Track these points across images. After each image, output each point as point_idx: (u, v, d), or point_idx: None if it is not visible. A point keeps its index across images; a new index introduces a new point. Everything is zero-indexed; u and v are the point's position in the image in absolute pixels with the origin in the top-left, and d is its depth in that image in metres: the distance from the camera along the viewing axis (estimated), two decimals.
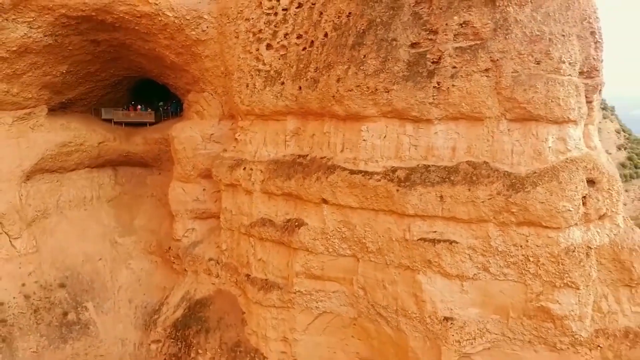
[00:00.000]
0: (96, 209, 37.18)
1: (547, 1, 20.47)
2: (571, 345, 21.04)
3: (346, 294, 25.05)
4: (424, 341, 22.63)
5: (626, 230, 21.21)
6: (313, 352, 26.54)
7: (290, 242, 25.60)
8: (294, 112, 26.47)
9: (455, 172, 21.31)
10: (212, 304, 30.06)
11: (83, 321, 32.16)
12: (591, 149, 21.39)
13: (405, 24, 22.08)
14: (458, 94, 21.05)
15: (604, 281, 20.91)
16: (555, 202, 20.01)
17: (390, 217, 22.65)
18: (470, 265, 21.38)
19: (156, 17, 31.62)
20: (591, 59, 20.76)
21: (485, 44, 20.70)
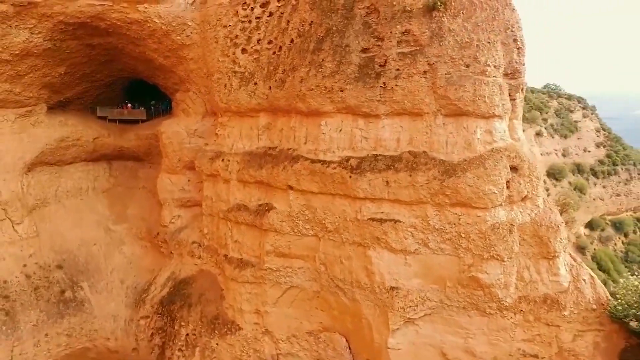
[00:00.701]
0: (92, 199, 40.44)
1: (476, 13, 23.75)
2: (498, 310, 24.29)
3: (310, 270, 28.28)
4: (374, 308, 25.87)
5: (545, 210, 24.43)
6: (282, 322, 29.77)
7: (262, 225, 28.87)
8: (265, 109, 29.75)
9: (398, 161, 24.58)
10: (195, 282, 33.34)
11: (79, 299, 35.46)
12: (515, 140, 24.65)
13: (357, 32, 25.38)
14: (401, 92, 24.32)
15: (526, 254, 24.10)
16: (482, 186, 23.29)
17: (345, 201, 25.91)
18: (412, 242, 24.63)
19: (145, 24, 34.96)
20: (514, 62, 24.03)
21: (423, 49, 23.98)
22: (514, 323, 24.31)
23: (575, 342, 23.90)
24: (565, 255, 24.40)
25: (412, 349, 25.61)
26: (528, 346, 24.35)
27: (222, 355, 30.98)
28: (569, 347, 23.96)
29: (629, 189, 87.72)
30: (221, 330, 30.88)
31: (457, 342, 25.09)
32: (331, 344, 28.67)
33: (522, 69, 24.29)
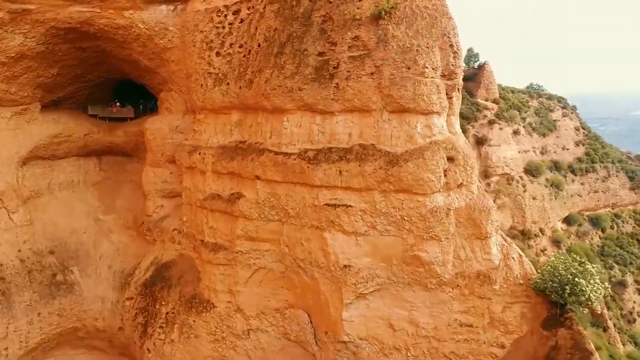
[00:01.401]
0: (82, 191, 43.49)
1: (417, 21, 26.81)
2: (438, 285, 27.35)
3: (276, 252, 31.30)
4: (330, 285, 28.89)
5: (478, 196, 27.46)
6: (252, 301, 32.79)
7: (233, 211, 31.92)
8: (236, 107, 32.81)
9: (350, 152, 27.62)
10: (175, 265, 36.40)
11: (69, 282, 38.51)
12: (452, 134, 27.66)
13: (314, 38, 28.44)
14: (351, 92, 27.36)
15: (462, 235, 27.12)
16: (422, 174, 26.34)
17: (304, 188, 28.94)
18: (362, 224, 27.66)
19: (130, 29, 38.09)
20: (450, 65, 27.06)
21: (370, 53, 27.03)
22: (452, 296, 27.36)
23: (504, 312, 26.96)
24: (497, 235, 27.44)
25: (363, 320, 28.68)
26: (464, 317, 27.40)
27: (199, 331, 34.01)
28: (499, 317, 27.02)
29: (606, 186, 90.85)
30: (198, 308, 33.89)
31: (403, 314, 28.16)
32: (295, 319, 31.71)
33: (458, 70, 27.32)
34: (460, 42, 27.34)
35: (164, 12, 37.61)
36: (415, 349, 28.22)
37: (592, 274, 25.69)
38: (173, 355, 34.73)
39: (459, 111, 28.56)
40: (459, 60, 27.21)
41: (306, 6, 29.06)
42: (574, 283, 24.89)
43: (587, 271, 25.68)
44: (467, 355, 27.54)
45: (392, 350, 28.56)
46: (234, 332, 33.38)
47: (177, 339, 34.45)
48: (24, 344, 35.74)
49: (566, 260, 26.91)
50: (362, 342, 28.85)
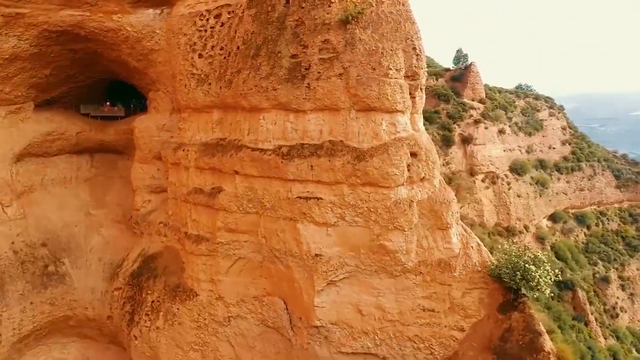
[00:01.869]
0: (74, 187, 45.37)
1: (382, 25, 28.69)
2: (402, 273, 29.21)
3: (254, 243, 33.15)
4: (303, 273, 30.73)
5: (440, 189, 29.32)
6: (232, 289, 34.65)
7: (214, 205, 33.79)
8: (217, 106, 34.69)
9: (320, 148, 29.47)
10: (160, 257, 38.29)
11: (60, 273, 40.40)
12: (416, 131, 29.52)
13: (287, 41, 30.32)
14: (322, 91, 29.22)
15: (424, 225, 28.98)
16: (386, 169, 28.20)
17: (279, 182, 30.79)
18: (332, 216, 29.52)
19: (119, 31, 40.00)
20: (413, 66, 28.91)
21: (339, 55, 28.88)
22: (415, 283, 29.22)
23: (464, 298, 28.83)
24: (457, 226, 29.32)
25: (334, 306, 30.54)
26: (426, 302, 29.27)
27: (182, 319, 35.92)
28: (458, 303, 28.89)
29: (592, 184, 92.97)
30: (181, 297, 35.79)
31: (370, 300, 30.01)
32: (272, 307, 33.56)
33: (421, 72, 29.17)
34: (423, 45, 29.19)
35: (150, 16, 39.50)
36: (382, 333, 30.08)
37: (543, 261, 27.54)
38: (158, 341, 36.63)
39: (422, 109, 30.36)
40: (421, 62, 29.07)
41: (280, 11, 30.93)
42: (525, 269, 26.75)
43: (537, 258, 27.52)
44: (429, 338, 29.41)
45: (360, 334, 30.42)
46: (215, 319, 35.23)
47: (162, 326, 36.33)
48: (17, 331, 37.62)
49: (519, 248, 28.75)
50: (333, 326, 30.72)
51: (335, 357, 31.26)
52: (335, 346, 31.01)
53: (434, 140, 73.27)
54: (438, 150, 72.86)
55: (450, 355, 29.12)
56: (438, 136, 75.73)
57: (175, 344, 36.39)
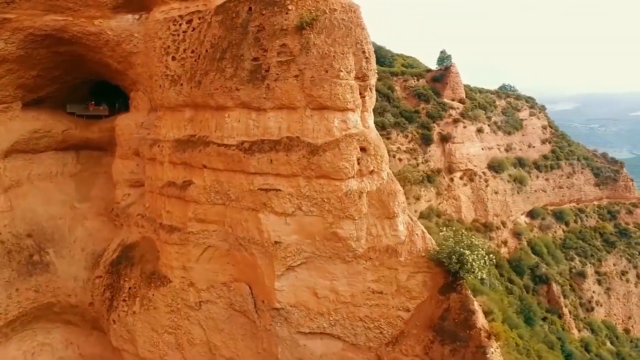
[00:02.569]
0: (60, 182, 47.96)
1: (334, 31, 31.28)
2: (354, 258, 31.77)
3: (221, 232, 35.70)
4: (265, 259, 33.29)
5: (388, 181, 31.87)
6: (203, 276, 37.19)
7: (185, 197, 36.36)
8: (189, 105, 37.24)
9: (279, 144, 32.04)
10: (138, 246, 40.87)
11: (45, 262, 42.99)
12: (365, 128, 32.07)
13: (249, 45, 32.90)
14: (280, 91, 31.79)
15: (373, 215, 31.52)
16: (338, 163, 30.77)
17: (242, 175, 33.35)
18: (290, 206, 32.07)
19: (100, 35, 42.63)
20: (363, 68, 31.48)
21: (295, 58, 31.46)
22: (365, 268, 31.78)
23: (409, 281, 31.41)
24: (404, 215, 31.89)
25: (292, 289, 33.13)
26: (376, 285, 31.84)
27: (157, 304, 38.49)
28: (404, 285, 31.47)
29: (571, 182, 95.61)
30: (156, 283, 38.36)
31: (325, 284, 32.59)
32: (239, 292, 36.13)
33: (370, 73, 31.75)
34: (372, 49, 31.83)
35: (129, 21, 42.14)
36: (336, 314, 32.66)
37: (477, 246, 30.12)
38: (135, 325, 39.23)
39: (372, 108, 32.93)
40: (370, 64, 31.66)
41: (244, 17, 33.54)
42: (460, 254, 29.32)
43: (472, 244, 30.09)
44: (378, 318, 31.98)
45: (316, 315, 33.01)
46: (187, 304, 37.81)
47: (139, 310, 38.92)
48: (4, 315, 40.19)
49: (456, 234, 31.32)
50: (292, 308, 33.31)
51: (295, 337, 33.87)
52: (294, 327, 33.60)
53: (414, 138, 76.16)
54: (418, 148, 75.73)
55: (397, 333, 31.70)
56: (417, 135, 78.34)
57: (151, 327, 38.97)
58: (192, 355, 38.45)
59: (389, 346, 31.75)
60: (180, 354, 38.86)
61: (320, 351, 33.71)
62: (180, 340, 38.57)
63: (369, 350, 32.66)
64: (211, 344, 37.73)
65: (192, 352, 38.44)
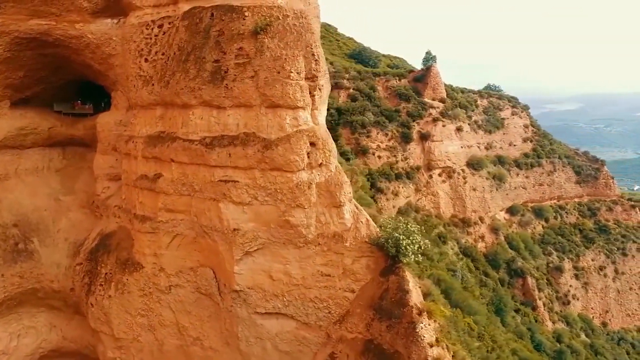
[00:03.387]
0: (46, 176, 50.94)
1: (286, 35, 34.20)
2: (304, 244, 34.67)
3: (188, 221, 38.60)
4: (225, 245, 36.22)
5: (335, 173, 34.72)
6: (172, 262, 40.10)
7: (155, 188, 39.31)
8: (159, 104, 40.15)
9: (237, 139, 34.98)
10: (115, 235, 43.85)
11: (29, 250, 46.03)
12: (315, 124, 34.95)
13: (211, 48, 35.83)
14: (237, 91, 34.72)
15: (322, 204, 34.39)
16: (289, 156, 33.68)
17: (204, 168, 36.29)
18: (247, 196, 35.00)
19: (82, 38, 45.61)
20: (312, 70, 34.39)
21: (251, 61, 34.39)
22: (315, 252, 34.70)
23: (354, 264, 34.29)
24: (350, 204, 34.76)
25: (250, 273, 36.07)
26: (324, 268, 34.74)
27: (131, 288, 41.45)
28: (350, 268, 34.35)
29: (552, 179, 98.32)
30: (130, 269, 41.33)
31: (280, 267, 35.52)
32: (204, 276, 39.06)
33: (319, 74, 34.66)
34: (321, 52, 34.72)
35: (108, 25, 45.11)
36: (289, 295, 35.58)
37: (412, 232, 32.93)
38: (110, 308, 42.23)
39: (322, 106, 35.81)
40: (319, 66, 34.57)
41: (207, 23, 36.46)
42: (396, 239, 32.16)
43: (408, 230, 32.92)
44: (327, 299, 34.89)
45: (272, 296, 35.94)
46: (158, 288, 40.76)
47: (114, 294, 41.91)
48: None
49: (395, 221, 34.17)
50: (249, 290, 36.26)
51: (253, 317, 36.83)
52: (252, 307, 36.56)
53: (394, 137, 79.15)
54: (397, 146, 78.63)
55: (344, 313, 34.60)
56: (397, 133, 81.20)
57: (125, 310, 41.96)
58: (163, 336, 41.43)
59: (337, 324, 34.67)
60: (153, 335, 41.83)
61: (275, 330, 36.64)
62: (152, 322, 41.53)
63: (319, 329, 35.59)
64: (180, 325, 40.65)
65: (163, 333, 41.42)
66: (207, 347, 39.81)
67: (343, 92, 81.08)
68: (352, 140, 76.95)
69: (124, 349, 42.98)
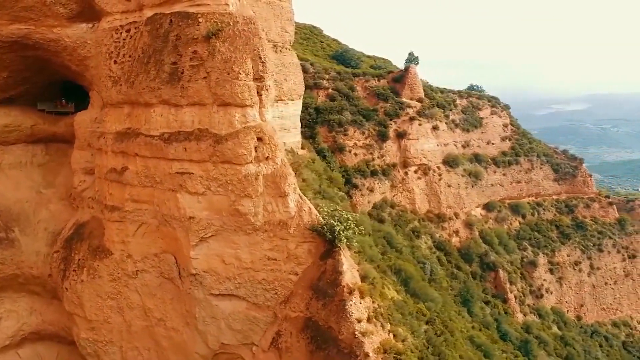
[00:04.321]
0: (29, 171, 54.42)
1: (236, 40, 37.44)
2: (253, 230, 37.89)
3: (151, 210, 41.91)
4: (183, 232, 39.49)
5: (281, 165, 37.87)
6: (138, 248, 43.39)
7: (122, 180, 42.65)
8: (126, 102, 43.46)
9: (191, 134, 38.25)
10: (88, 224, 47.26)
11: (10, 238, 49.52)
12: (263, 121, 38.12)
13: (169, 51, 39.11)
14: (192, 91, 37.98)
15: (269, 194, 37.54)
16: (238, 150, 36.92)
17: (164, 161, 39.55)
18: (201, 187, 38.24)
19: (59, 42, 49.04)
20: (259, 71, 37.59)
21: (204, 63, 37.64)
22: (262, 239, 37.91)
23: (297, 249, 37.49)
24: (295, 194, 37.93)
25: (205, 257, 39.33)
26: (271, 253, 37.96)
27: (101, 273, 44.81)
28: (293, 253, 37.55)
29: (529, 177, 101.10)
30: (100, 255, 44.71)
31: (231, 252, 38.76)
32: (166, 261, 42.35)
33: (266, 75, 37.88)
34: (267, 55, 37.95)
35: (83, 29, 48.53)
36: (240, 278, 38.82)
37: (347, 219, 36.09)
38: (83, 292, 45.62)
39: (269, 105, 38.99)
40: (266, 67, 37.80)
41: (166, 28, 39.76)
42: (331, 225, 35.34)
43: (342, 217, 36.10)
44: (273, 281, 38.10)
45: (224, 279, 39.20)
46: (126, 273, 44.10)
47: (86, 279, 45.30)
48: None
49: (333, 210, 37.33)
50: (205, 274, 39.52)
51: (208, 299, 40.08)
52: (207, 289, 39.82)
53: (371, 135, 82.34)
54: (374, 144, 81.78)
55: (288, 294, 37.80)
56: (374, 132, 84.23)
57: (96, 293, 45.31)
58: (131, 318, 44.76)
59: (282, 305, 37.92)
60: (121, 316, 45.18)
61: (229, 310, 39.89)
62: (120, 304, 44.87)
63: (267, 309, 38.84)
64: (146, 307, 43.98)
65: (130, 314, 44.75)
66: (170, 327, 43.08)
67: (322, 92, 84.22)
68: (329, 138, 79.99)
69: (96, 330, 46.34)
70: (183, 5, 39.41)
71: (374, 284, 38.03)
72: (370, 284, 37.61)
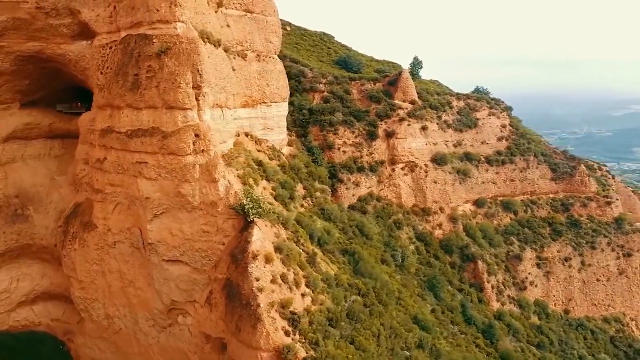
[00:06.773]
0: (46, 161, 66.44)
1: (180, 56, 46.93)
2: (192, 209, 47.34)
3: (123, 193, 52.13)
4: (142, 210, 49.49)
5: (214, 157, 46.94)
6: (117, 224, 53.75)
7: (103, 168, 53.19)
8: (108, 106, 53.93)
9: (147, 131, 48.08)
10: (82, 204, 58.34)
11: (25, 215, 61.49)
12: (200, 121, 47.41)
13: (132, 65, 49.17)
14: (147, 97, 47.83)
15: (204, 179, 46.67)
16: (179, 144, 46.47)
17: (128, 153, 49.65)
18: (154, 173, 48.00)
19: (65, 55, 60.45)
20: (197, 82, 46.85)
21: (156, 75, 47.32)
22: (199, 215, 47.27)
23: (224, 224, 46.58)
24: (224, 180, 47.01)
25: (158, 230, 49.14)
26: (205, 227, 47.28)
27: (89, 243, 55.62)
28: (221, 227, 46.69)
29: (524, 175, 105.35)
30: (88, 229, 55.56)
31: (177, 226, 48.38)
32: (135, 234, 52.51)
33: (203, 85, 47.14)
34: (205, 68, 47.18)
35: (83, 46, 59.63)
36: (183, 247, 48.37)
37: (257, 200, 44.82)
38: (75, 258, 56.67)
39: (206, 108, 48.16)
40: (202, 78, 47.05)
41: (132, 46, 49.88)
42: (242, 204, 44.23)
43: (252, 197, 44.86)
44: (207, 249, 47.40)
45: (172, 248, 48.87)
46: (107, 243, 54.67)
47: (77, 248, 56.28)
48: None
49: (247, 192, 46.12)
50: (158, 243, 49.34)
51: (161, 263, 49.87)
52: (160, 256, 49.60)
53: (360, 134, 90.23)
54: (363, 143, 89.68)
55: (218, 260, 46.97)
56: (364, 131, 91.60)
57: (85, 259, 56.20)
58: (110, 280, 55.32)
59: (213, 269, 47.13)
60: (104, 279, 55.84)
61: (177, 273, 49.51)
62: (103, 269, 55.51)
63: (204, 272, 48.17)
64: (121, 271, 54.34)
65: (110, 277, 55.31)
66: (138, 287, 53.24)
67: (317, 94, 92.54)
68: (320, 137, 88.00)
69: (86, 289, 57.31)
70: (144, 29, 49.32)
71: (288, 255, 46.38)
72: (286, 255, 46.00)
